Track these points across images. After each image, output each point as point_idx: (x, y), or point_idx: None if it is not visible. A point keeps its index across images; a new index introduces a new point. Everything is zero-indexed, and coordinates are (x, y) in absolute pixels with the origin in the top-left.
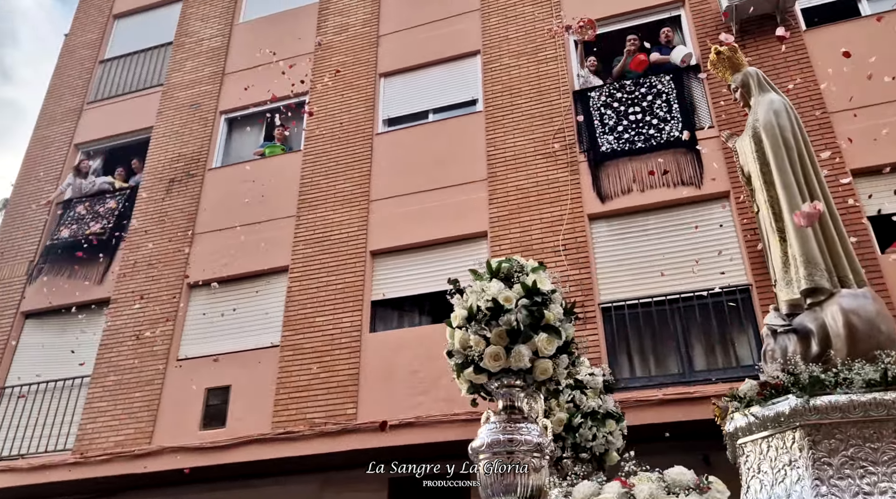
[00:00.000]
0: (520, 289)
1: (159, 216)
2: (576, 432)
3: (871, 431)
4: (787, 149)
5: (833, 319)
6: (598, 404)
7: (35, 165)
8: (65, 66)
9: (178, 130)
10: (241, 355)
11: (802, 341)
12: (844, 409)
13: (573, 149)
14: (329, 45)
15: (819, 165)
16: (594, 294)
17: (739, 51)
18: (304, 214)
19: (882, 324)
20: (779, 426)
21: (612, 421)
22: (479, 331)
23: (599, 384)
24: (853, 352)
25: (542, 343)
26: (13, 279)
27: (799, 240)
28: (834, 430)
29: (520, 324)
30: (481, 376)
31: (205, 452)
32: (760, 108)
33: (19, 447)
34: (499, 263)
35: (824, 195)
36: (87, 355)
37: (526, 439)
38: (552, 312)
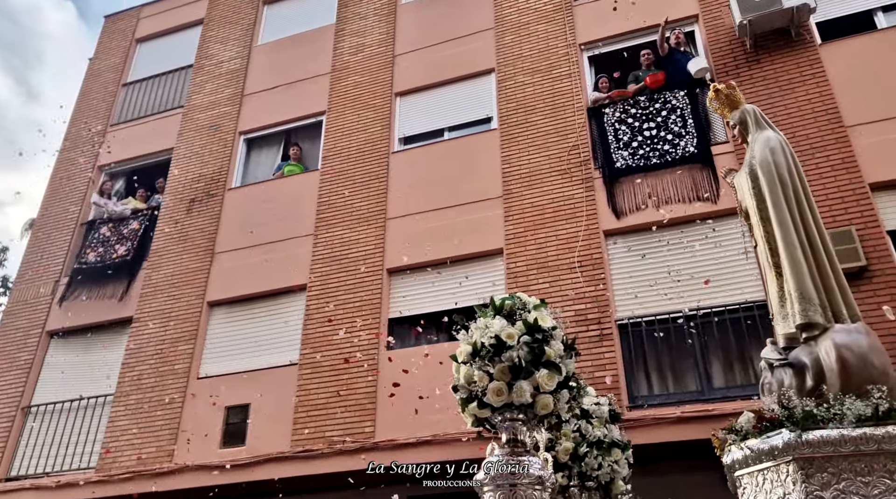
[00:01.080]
0: (521, 326)
1: (180, 236)
2: (581, 461)
3: (863, 464)
4: (782, 186)
5: (826, 354)
6: (603, 433)
7: (60, 187)
8: (89, 90)
9: (199, 151)
10: (260, 374)
11: (798, 375)
12: (836, 443)
13: (588, 165)
14: (346, 66)
15: (815, 201)
16: (611, 311)
17: (737, 88)
18: (322, 232)
19: (875, 358)
20: (773, 459)
21: (618, 450)
22: (483, 367)
23: (605, 414)
24: (846, 386)
25: (543, 379)
26: (39, 299)
27: (794, 275)
28: (826, 463)
29: (521, 360)
30: (485, 410)
31: (225, 470)
32: (757, 145)
33: (44, 465)
34: (502, 300)
35: (819, 231)
36: (111, 374)
37: (528, 472)
38: (553, 348)
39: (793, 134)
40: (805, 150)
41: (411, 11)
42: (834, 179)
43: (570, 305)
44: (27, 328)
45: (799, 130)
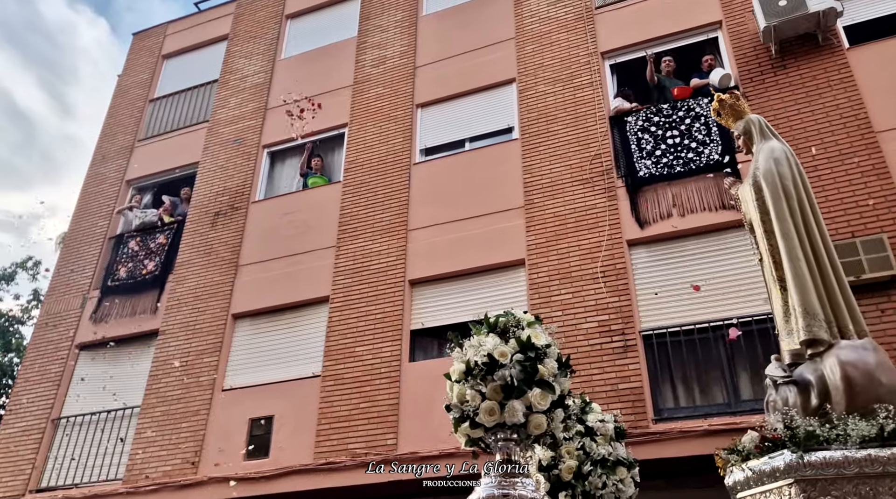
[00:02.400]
0: (515, 344)
1: (205, 249)
2: (585, 480)
3: (868, 488)
4: (786, 197)
5: (832, 372)
6: (608, 451)
7: (90, 202)
8: (118, 106)
9: (223, 165)
10: (283, 385)
11: (802, 393)
12: (839, 465)
13: (610, 174)
14: (367, 78)
15: (819, 212)
16: (635, 322)
17: (742, 98)
18: (344, 244)
19: (882, 376)
20: (775, 481)
21: (624, 468)
22: (475, 386)
23: (610, 431)
24: (851, 405)
25: (536, 398)
26: (69, 312)
27: (798, 290)
28: (829, 486)
29: (513, 379)
30: (477, 430)
31: (249, 482)
32: (761, 155)
33: (73, 477)
34: (496, 317)
35: (825, 243)
36: (138, 386)
37: (520, 495)
38: (546, 366)
39: (821, 140)
40: (834, 156)
41: (432, 23)
42: (864, 185)
43: (594, 315)
44: (58, 341)
45: (827, 136)
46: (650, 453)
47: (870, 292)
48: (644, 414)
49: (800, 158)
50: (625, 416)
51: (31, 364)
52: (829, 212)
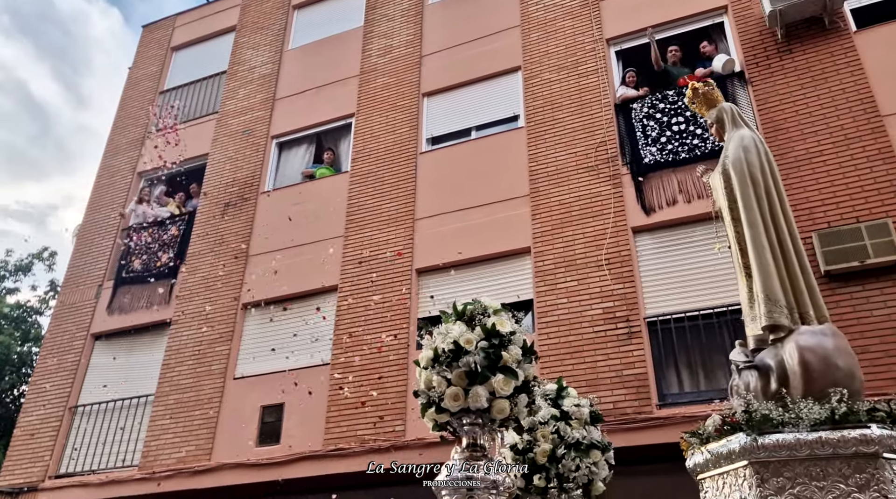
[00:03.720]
0: (480, 331)
1: (215, 240)
2: (559, 463)
3: (818, 469)
4: (754, 186)
5: (790, 357)
6: (582, 435)
7: (103, 194)
8: (129, 98)
9: (232, 156)
10: (293, 374)
11: (762, 378)
12: (791, 447)
13: (616, 162)
14: (374, 68)
15: (787, 200)
16: (639, 308)
17: (715, 87)
18: (352, 234)
19: (840, 360)
20: (731, 463)
21: (598, 451)
22: (441, 372)
23: (585, 415)
24: (808, 389)
25: (499, 384)
26: (84, 303)
27: (761, 277)
28: (782, 468)
29: (477, 366)
30: (443, 415)
31: (261, 468)
32: (731, 144)
33: (91, 463)
34: (464, 305)
35: (790, 231)
36: (152, 375)
37: (482, 477)
38: (510, 353)
39: (826, 125)
40: (840, 141)
41: (438, 12)
42: (870, 170)
43: (598, 302)
44: (73, 331)
45: (833, 120)
46: (654, 437)
47: (874, 277)
48: (648, 400)
49: (806, 143)
50: (629, 401)
51: (48, 354)
52: (833, 196)
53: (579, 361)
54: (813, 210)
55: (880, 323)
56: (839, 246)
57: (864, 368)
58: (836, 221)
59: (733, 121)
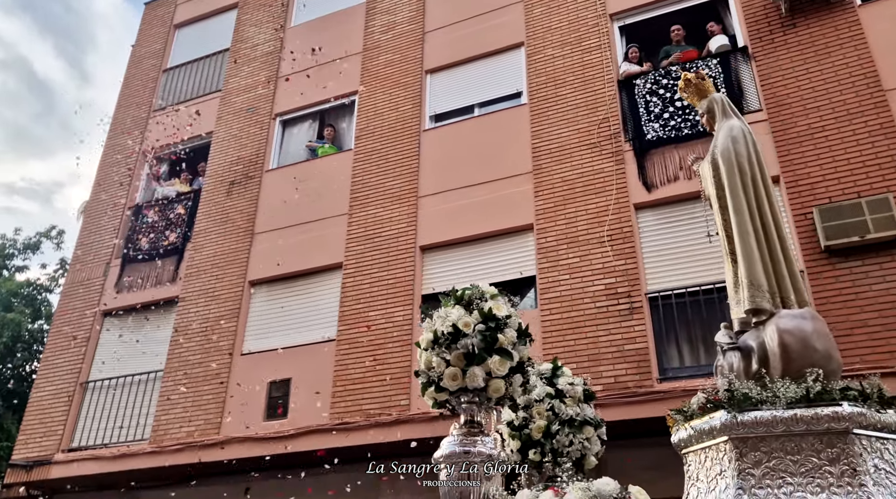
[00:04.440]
0: (478, 315)
1: (221, 218)
2: (553, 439)
3: (793, 444)
4: (741, 174)
5: (770, 339)
6: (575, 412)
7: (109, 172)
8: (132, 77)
9: (237, 134)
10: (300, 350)
11: (745, 359)
12: (768, 424)
13: (618, 138)
14: (377, 44)
15: (773, 188)
16: (641, 284)
17: (707, 78)
18: (356, 211)
19: (818, 342)
20: (713, 439)
21: (590, 428)
22: (441, 353)
23: (579, 393)
24: (787, 369)
25: (495, 365)
26: (93, 280)
27: (746, 263)
28: (759, 443)
29: (475, 347)
30: (442, 394)
31: (268, 442)
32: (721, 134)
33: (103, 437)
34: (463, 290)
35: (774, 219)
36: (161, 351)
37: (479, 451)
38: (506, 335)
39: (829, 99)
40: (842, 116)
41: None
42: (871, 145)
43: (601, 278)
44: (83, 308)
45: (836, 95)
46: (655, 411)
47: (874, 252)
48: (649, 374)
49: (808, 119)
50: (630, 375)
51: (58, 331)
52: (835, 172)
53: (581, 336)
54: (814, 185)
55: (879, 298)
56: (839, 221)
57: (863, 343)
58: (837, 196)
59: (723, 111)
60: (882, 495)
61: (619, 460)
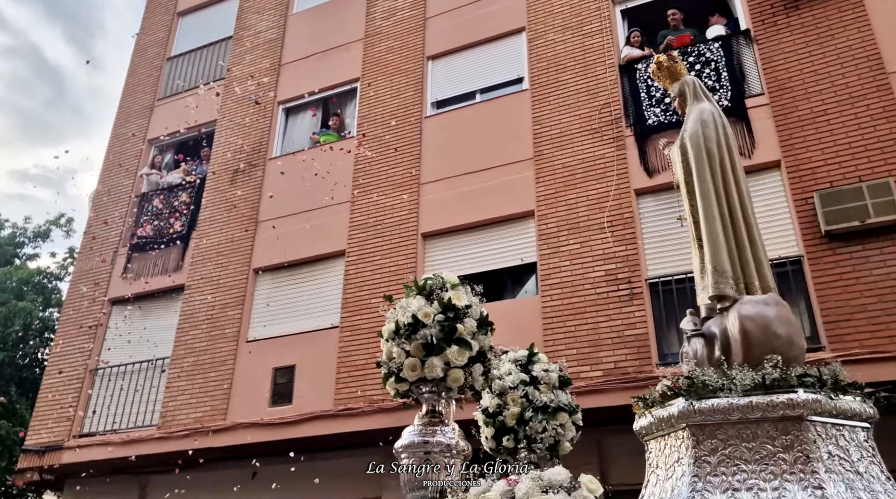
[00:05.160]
0: (437, 305)
1: (226, 206)
2: (527, 425)
3: (749, 431)
4: (709, 159)
5: (732, 325)
6: (550, 398)
7: (115, 161)
8: (137, 65)
9: (240, 122)
10: (304, 336)
11: (708, 345)
12: (724, 411)
13: (619, 123)
14: (378, 31)
15: (742, 173)
16: (641, 270)
17: (679, 60)
18: (359, 199)
19: (780, 329)
20: (672, 427)
21: (565, 414)
22: (401, 344)
23: (554, 380)
24: (748, 356)
25: (454, 355)
26: (100, 269)
27: (711, 249)
28: (717, 431)
29: (433, 338)
30: (402, 384)
31: (274, 427)
32: (691, 117)
33: (112, 423)
34: (425, 280)
35: (742, 204)
36: (168, 338)
37: (438, 441)
38: (465, 325)
39: (831, 83)
40: (844, 99)
41: None
42: (873, 128)
43: (601, 264)
44: (91, 296)
45: (838, 78)
46: None
47: (874, 236)
48: (649, 359)
49: (810, 102)
50: (630, 361)
51: (68, 318)
52: (836, 156)
53: (581, 322)
54: (815, 170)
55: (879, 282)
56: (840, 206)
57: (863, 327)
58: (838, 180)
59: (695, 94)
60: (833, 482)
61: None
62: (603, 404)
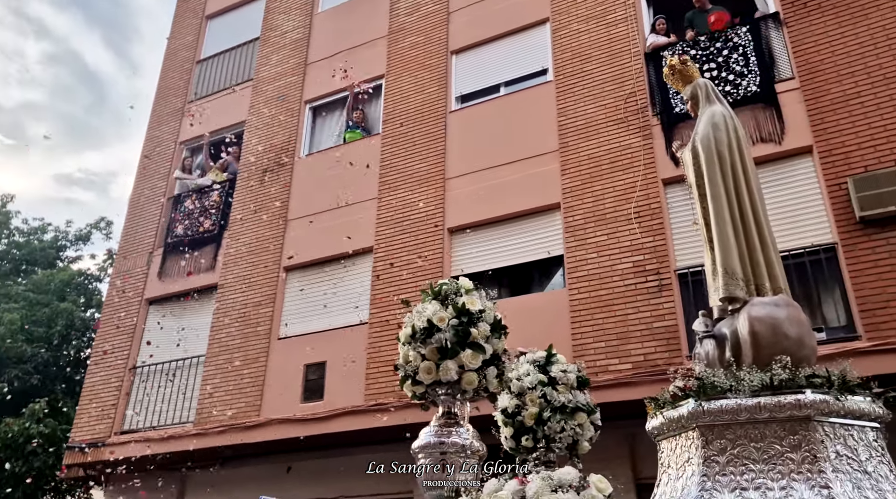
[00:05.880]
0: (452, 310)
1: (256, 206)
2: (545, 425)
3: (757, 432)
4: (720, 162)
5: (742, 326)
6: (567, 398)
7: (149, 164)
8: (168, 69)
9: (268, 122)
10: (334, 333)
11: (719, 347)
12: (733, 412)
13: (645, 113)
14: (402, 27)
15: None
16: (670, 261)
17: (691, 62)
18: (385, 195)
19: (790, 329)
20: (682, 427)
21: (583, 414)
22: (417, 348)
23: (572, 380)
24: (757, 357)
25: (468, 358)
26: (137, 270)
27: (721, 250)
28: (725, 431)
29: (447, 342)
30: (419, 387)
31: (306, 423)
32: (702, 120)
33: (150, 420)
34: (440, 285)
35: (753, 205)
36: (202, 336)
37: (453, 442)
38: (479, 329)
39: (864, 64)
40: (878, 81)
41: None
42: None
43: (629, 256)
44: (129, 297)
45: (871, 59)
46: None
47: None
48: (679, 351)
49: (842, 85)
50: (659, 353)
51: (108, 319)
52: (871, 139)
53: (610, 314)
54: (849, 154)
55: None
56: (875, 191)
57: None
58: (872, 164)
59: (707, 97)
60: (840, 482)
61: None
62: (633, 397)
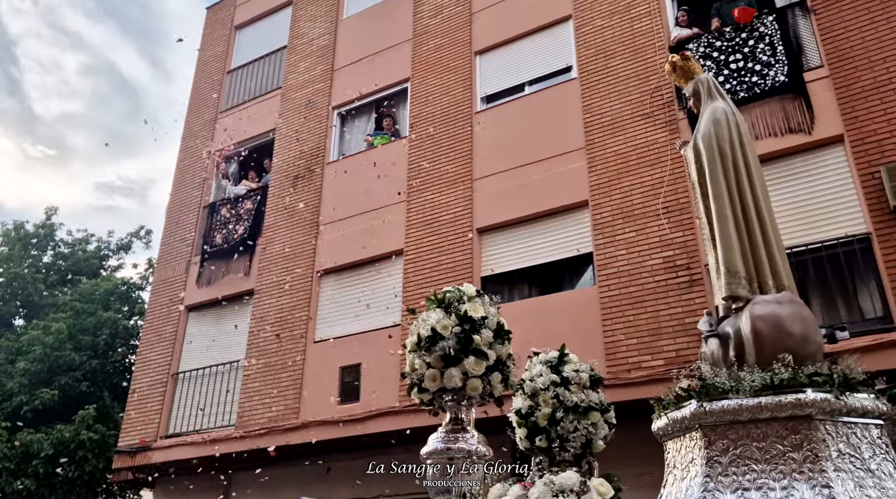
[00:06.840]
0: (455, 318)
1: (288, 212)
2: (558, 425)
3: (759, 431)
4: (721, 159)
5: (744, 325)
6: (580, 398)
7: (184, 174)
8: (199, 80)
9: (298, 129)
10: (368, 335)
11: (723, 346)
12: (734, 412)
13: (671, 107)
14: (426, 30)
15: (757, 170)
16: (700, 256)
17: (692, 59)
18: (414, 197)
19: (794, 327)
20: (686, 428)
21: (597, 413)
22: (422, 356)
23: (584, 380)
24: (760, 356)
25: (471, 365)
26: (175, 277)
27: (723, 249)
28: (727, 431)
29: (450, 349)
30: (425, 394)
31: (343, 425)
32: (704, 117)
33: (193, 424)
34: (444, 293)
35: (755, 202)
36: (241, 342)
37: (460, 447)
38: (482, 336)
39: (884, 58)
40: None
41: None
42: None
43: (658, 252)
44: (169, 304)
45: (893, 52)
46: None
47: None
48: None
49: (874, 72)
50: (692, 349)
51: (150, 326)
52: None
53: (641, 311)
54: (881, 142)
55: None
56: None
57: None
58: None
59: (709, 93)
60: (841, 481)
61: None
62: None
